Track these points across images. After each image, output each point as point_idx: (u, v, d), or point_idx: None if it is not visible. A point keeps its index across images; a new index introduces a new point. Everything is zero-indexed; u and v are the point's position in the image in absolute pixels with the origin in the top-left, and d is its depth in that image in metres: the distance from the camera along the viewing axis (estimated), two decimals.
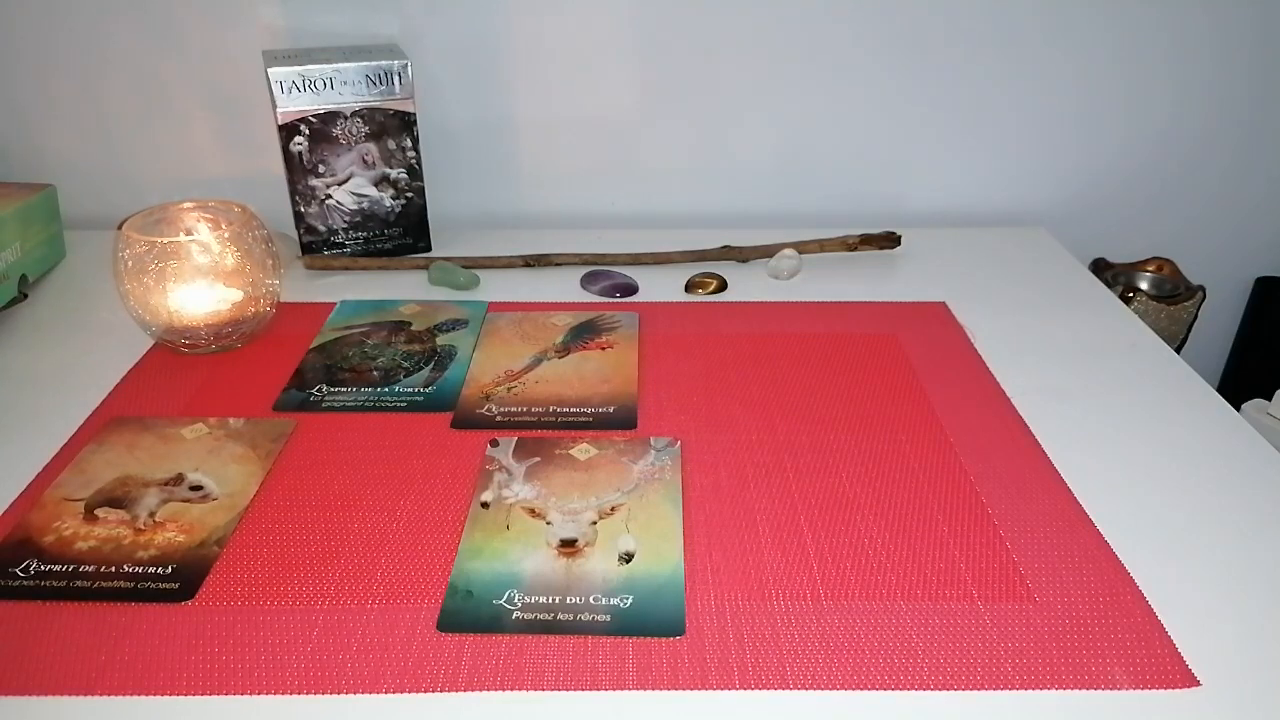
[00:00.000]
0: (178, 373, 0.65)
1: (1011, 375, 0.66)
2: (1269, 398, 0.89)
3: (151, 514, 0.51)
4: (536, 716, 0.40)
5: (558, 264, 0.82)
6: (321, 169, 0.78)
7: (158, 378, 0.65)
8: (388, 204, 0.82)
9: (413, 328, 0.71)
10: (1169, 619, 0.45)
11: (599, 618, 0.45)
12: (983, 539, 0.50)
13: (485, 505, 0.52)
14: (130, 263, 0.63)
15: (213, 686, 0.41)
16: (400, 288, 0.79)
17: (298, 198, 0.79)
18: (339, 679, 0.42)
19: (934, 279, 0.81)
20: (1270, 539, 0.51)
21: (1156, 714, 0.40)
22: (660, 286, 0.79)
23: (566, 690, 0.41)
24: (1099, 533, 0.51)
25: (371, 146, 0.79)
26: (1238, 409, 0.75)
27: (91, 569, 0.47)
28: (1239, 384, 1.02)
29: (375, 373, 0.65)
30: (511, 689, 0.41)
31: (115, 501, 0.52)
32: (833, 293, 0.78)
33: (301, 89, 0.75)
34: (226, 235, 0.65)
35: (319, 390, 0.63)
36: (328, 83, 0.75)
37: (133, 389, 0.63)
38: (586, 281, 0.78)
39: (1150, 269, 0.94)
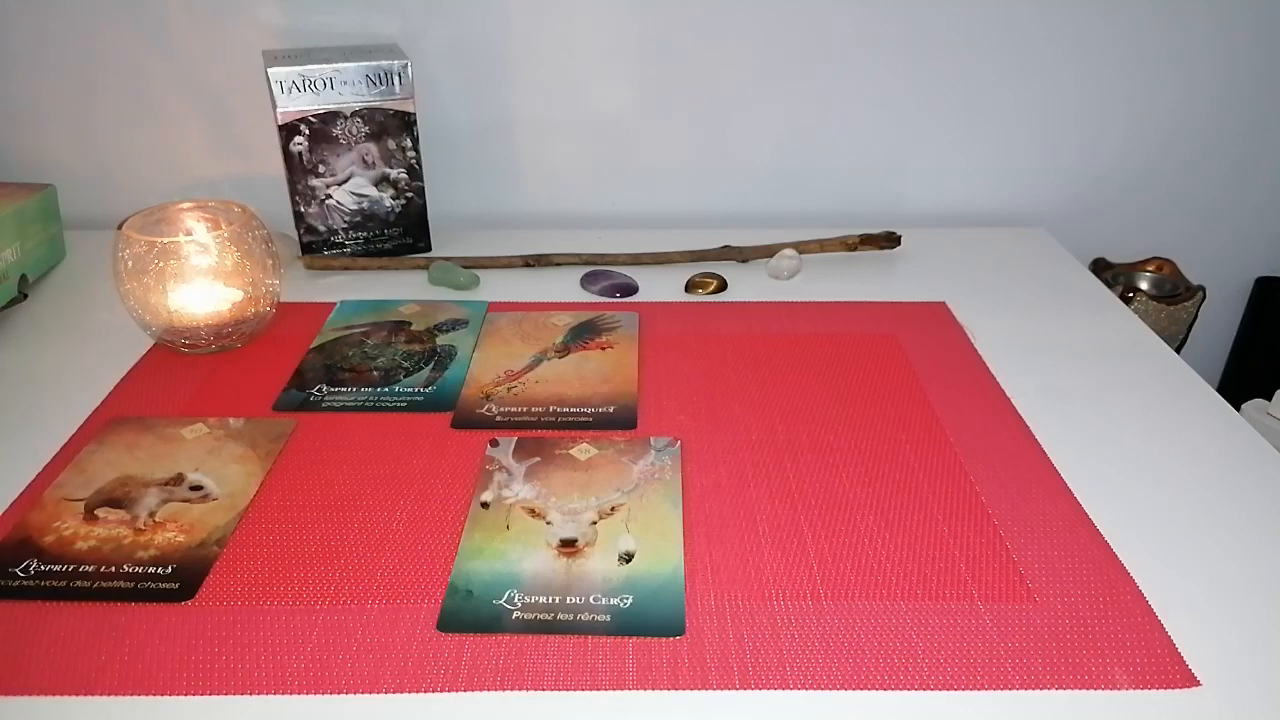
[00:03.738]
0: (178, 373, 0.65)
1: (1011, 375, 0.66)
2: (1269, 398, 0.89)
3: (151, 514, 0.51)
4: (536, 716, 0.40)
5: (558, 264, 0.82)
6: (321, 169, 0.78)
7: (158, 378, 0.65)
8: (388, 204, 0.82)
9: (413, 328, 0.71)
10: (1169, 619, 0.45)
11: (599, 618, 0.45)
12: (983, 539, 0.50)
13: (485, 505, 0.52)
14: (130, 263, 0.63)
15: (213, 686, 0.41)
16: (400, 288, 0.79)
17: (298, 198, 0.79)
18: (339, 679, 0.42)
19: (934, 279, 0.81)
20: (1270, 539, 0.51)
21: (1156, 714, 0.40)
22: (660, 286, 0.79)
23: (566, 690, 0.41)
24: (1099, 533, 0.51)
25: (371, 146, 0.79)
26: (1238, 409, 0.75)
27: (91, 569, 0.47)
28: (1239, 384, 1.02)
29: (375, 373, 0.65)
30: (511, 689, 0.41)
31: (115, 501, 0.52)
32: (833, 293, 0.78)
33: (301, 89, 0.75)
34: (226, 235, 0.65)
35: (319, 390, 0.63)
36: (328, 83, 0.75)
37: (133, 389, 0.63)
38: (586, 281, 0.78)
39: (1150, 269, 0.94)
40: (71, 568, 0.47)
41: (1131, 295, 0.89)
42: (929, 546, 0.49)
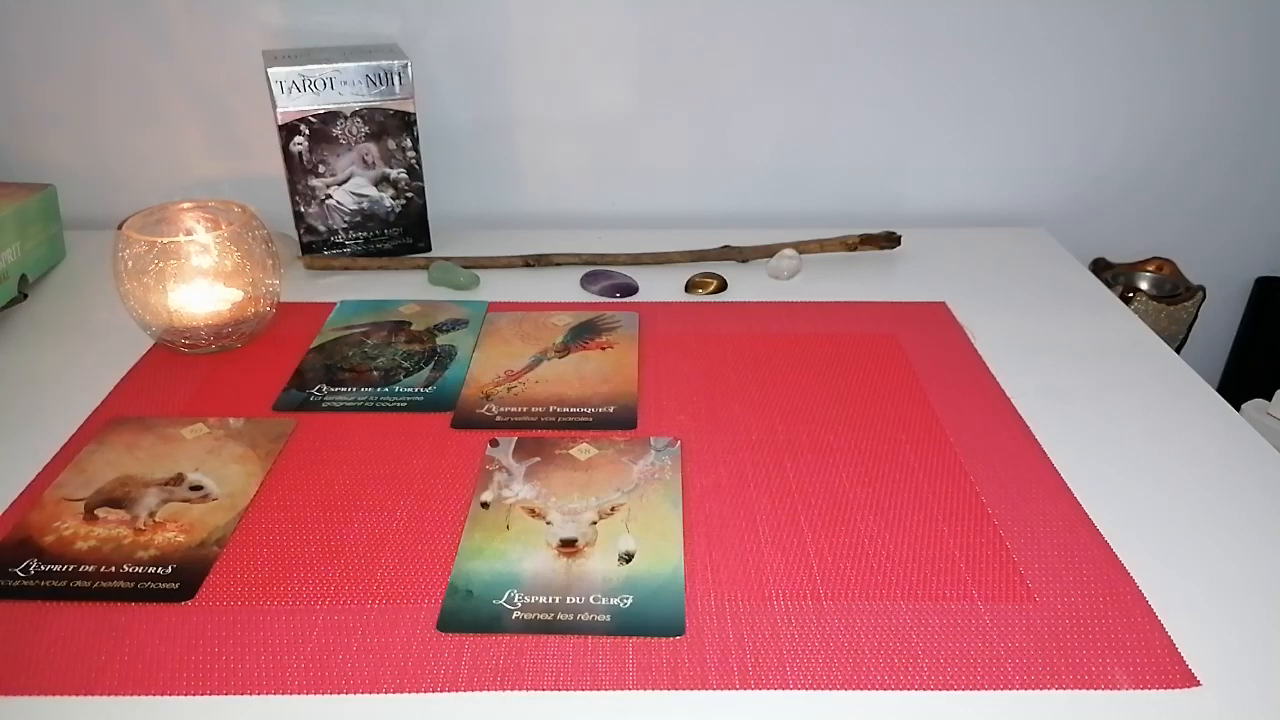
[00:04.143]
0: (178, 373, 0.65)
1: (1011, 375, 0.66)
2: (1269, 398, 0.89)
3: (151, 514, 0.51)
4: (536, 716, 0.40)
5: (558, 264, 0.82)
6: (321, 169, 0.78)
7: (158, 378, 0.65)
8: (388, 204, 0.82)
9: (413, 328, 0.71)
10: (1169, 619, 0.45)
11: (599, 618, 0.45)
12: (983, 539, 0.50)
13: (485, 505, 0.52)
14: (130, 263, 0.63)
15: (213, 686, 0.41)
16: (400, 288, 0.79)
17: (298, 198, 0.79)
18: (339, 679, 0.42)
19: (934, 279, 0.81)
20: (1270, 539, 0.51)
21: (1156, 714, 0.40)
22: (660, 286, 0.79)
23: (566, 690, 0.41)
24: (1099, 533, 0.51)
25: (371, 146, 0.79)
26: (1238, 409, 0.75)
27: (91, 569, 0.47)
28: (1239, 384, 1.02)
29: (375, 373, 0.65)
30: (511, 689, 0.41)
31: (115, 501, 0.52)
32: (833, 293, 0.78)
33: (301, 89, 0.75)
34: (226, 235, 0.65)
35: (319, 390, 0.63)
36: (328, 83, 0.75)
37: (133, 389, 0.63)
38: (586, 281, 0.78)
39: (1150, 269, 0.94)
40: (71, 568, 0.47)
41: (1131, 295, 0.89)
42: (929, 546, 0.49)
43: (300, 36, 0.84)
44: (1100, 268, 0.94)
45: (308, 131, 0.76)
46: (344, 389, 0.63)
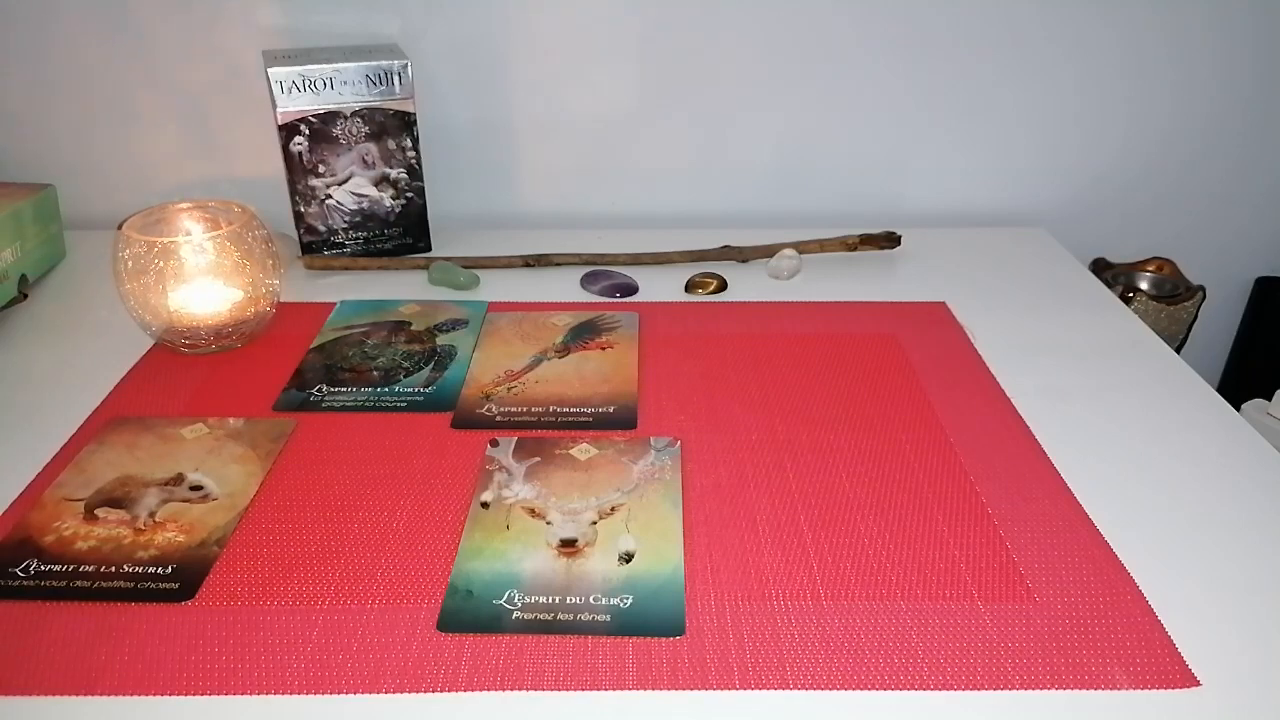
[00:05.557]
0: (178, 373, 0.65)
1: (1011, 375, 0.66)
2: (1269, 398, 0.89)
3: (151, 514, 0.51)
4: (536, 716, 0.40)
5: (558, 264, 0.82)
6: (321, 169, 0.78)
7: (158, 378, 0.65)
8: (388, 204, 0.82)
9: (413, 328, 0.71)
10: (1169, 619, 0.45)
11: (599, 618, 0.45)
12: (983, 539, 0.50)
13: (485, 505, 0.52)
14: (130, 263, 0.63)
15: (213, 686, 0.41)
16: (400, 288, 0.79)
17: (298, 198, 0.79)
18: (339, 679, 0.42)
19: (934, 279, 0.81)
20: (1270, 539, 0.51)
21: (1156, 714, 0.40)
22: (660, 286, 0.79)
23: (566, 690, 0.41)
24: (1099, 533, 0.51)
25: (371, 146, 0.79)
26: (1238, 409, 0.75)
27: (91, 569, 0.47)
28: (1239, 384, 1.02)
29: (375, 373, 0.65)
30: (511, 689, 0.41)
31: (115, 501, 0.52)
32: (833, 293, 0.78)
33: (301, 89, 0.75)
34: (226, 235, 0.65)
35: (319, 390, 0.63)
36: (328, 83, 0.75)
37: (133, 389, 0.63)
38: (586, 281, 0.78)
39: (1150, 269, 0.94)
40: (71, 568, 0.47)
41: (1131, 295, 0.89)
42: (929, 546, 0.49)
43: (300, 36, 0.84)
44: (1100, 268, 0.94)
45: (308, 131, 0.76)
46: (344, 389, 0.63)
